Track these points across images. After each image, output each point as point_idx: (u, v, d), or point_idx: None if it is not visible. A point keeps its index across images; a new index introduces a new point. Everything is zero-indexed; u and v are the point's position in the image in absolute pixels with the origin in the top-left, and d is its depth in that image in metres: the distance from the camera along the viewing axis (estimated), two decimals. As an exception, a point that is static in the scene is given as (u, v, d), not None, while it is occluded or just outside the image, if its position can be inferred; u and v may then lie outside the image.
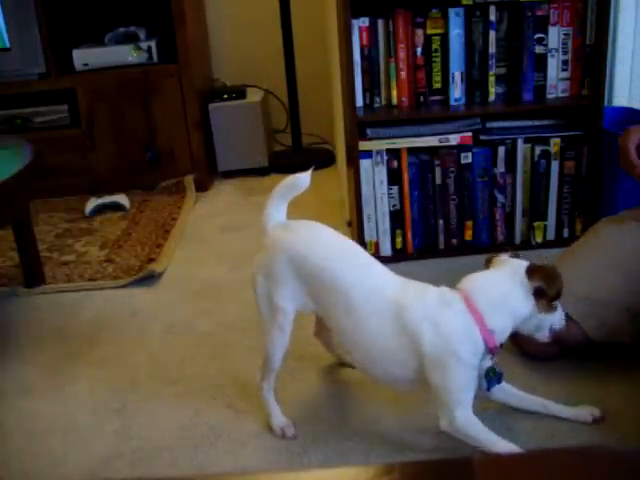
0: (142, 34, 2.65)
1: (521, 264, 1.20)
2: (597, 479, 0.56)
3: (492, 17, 1.87)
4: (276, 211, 1.32)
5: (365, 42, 1.91)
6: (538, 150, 1.93)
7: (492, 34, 1.89)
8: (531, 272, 1.17)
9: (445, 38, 1.89)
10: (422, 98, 1.95)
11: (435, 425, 1.32)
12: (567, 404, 1.34)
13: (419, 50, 1.91)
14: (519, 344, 1.49)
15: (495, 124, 1.94)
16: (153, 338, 1.74)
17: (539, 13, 1.88)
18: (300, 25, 2.87)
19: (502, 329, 1.19)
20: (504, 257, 1.24)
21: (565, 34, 1.89)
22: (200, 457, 1.31)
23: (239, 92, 2.81)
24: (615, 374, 1.43)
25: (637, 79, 2.20)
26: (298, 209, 2.44)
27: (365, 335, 1.22)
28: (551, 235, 2.00)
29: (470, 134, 1.90)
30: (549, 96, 1.95)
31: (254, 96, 2.85)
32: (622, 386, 1.40)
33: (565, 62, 1.92)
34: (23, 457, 1.36)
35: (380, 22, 1.90)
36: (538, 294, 1.17)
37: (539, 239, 2.00)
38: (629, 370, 1.44)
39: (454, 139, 1.90)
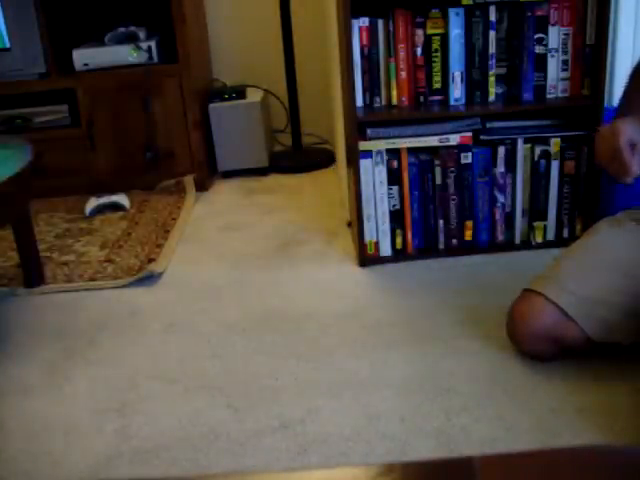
0: (142, 34, 2.65)
1: None
2: (597, 479, 0.56)
3: (492, 17, 1.87)
4: None
5: (365, 42, 1.91)
6: (538, 150, 1.93)
7: (492, 34, 1.89)
8: None
9: (445, 38, 1.89)
10: (422, 98, 1.95)
11: (435, 425, 1.32)
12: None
13: (419, 50, 1.91)
14: (519, 344, 1.49)
15: (495, 124, 1.94)
16: (153, 338, 1.74)
17: (539, 13, 1.88)
18: (300, 25, 2.87)
19: None
20: None
21: (565, 34, 1.89)
22: (200, 457, 1.31)
23: (239, 92, 2.81)
24: (615, 374, 1.43)
25: (637, 79, 2.20)
26: (298, 209, 2.45)
27: None
28: (551, 235, 2.00)
29: (470, 134, 1.90)
30: (549, 96, 1.95)
31: (254, 96, 2.85)
32: (623, 387, 1.40)
33: (565, 62, 1.92)
34: (23, 457, 1.36)
35: (380, 22, 1.89)
36: None
37: (539, 239, 2.00)
38: (629, 370, 1.44)
39: (454, 139, 1.90)
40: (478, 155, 1.93)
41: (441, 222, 1.99)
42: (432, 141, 1.91)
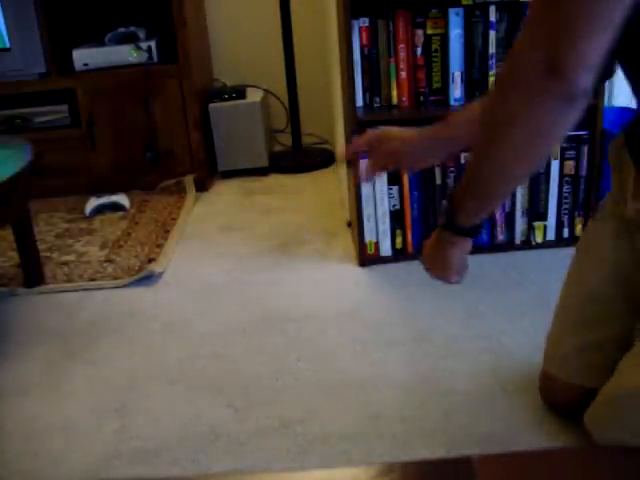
0: (142, 34, 2.65)
1: None
2: (597, 479, 0.57)
3: (492, 17, 1.87)
4: None
5: (365, 42, 1.91)
6: (538, 150, 1.93)
7: (492, 34, 1.89)
8: None
9: (445, 38, 1.89)
10: (422, 98, 1.95)
11: (435, 425, 1.32)
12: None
13: (419, 50, 1.91)
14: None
15: (495, 124, 1.94)
16: (153, 338, 1.74)
17: (539, 13, 1.88)
18: (300, 25, 2.87)
19: None
20: None
21: (565, 34, 1.89)
22: (200, 457, 1.31)
23: (239, 92, 2.81)
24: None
25: (637, 79, 2.20)
26: (298, 209, 2.46)
27: None
28: (551, 235, 2.01)
29: (470, 134, 1.91)
30: (549, 96, 1.94)
31: (254, 96, 2.85)
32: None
33: (565, 62, 1.92)
34: (22, 457, 1.36)
35: (380, 22, 1.89)
36: None
37: (539, 239, 2.00)
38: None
39: (454, 139, 1.90)
40: (478, 155, 1.93)
41: (441, 222, 1.99)
42: (432, 141, 1.91)
